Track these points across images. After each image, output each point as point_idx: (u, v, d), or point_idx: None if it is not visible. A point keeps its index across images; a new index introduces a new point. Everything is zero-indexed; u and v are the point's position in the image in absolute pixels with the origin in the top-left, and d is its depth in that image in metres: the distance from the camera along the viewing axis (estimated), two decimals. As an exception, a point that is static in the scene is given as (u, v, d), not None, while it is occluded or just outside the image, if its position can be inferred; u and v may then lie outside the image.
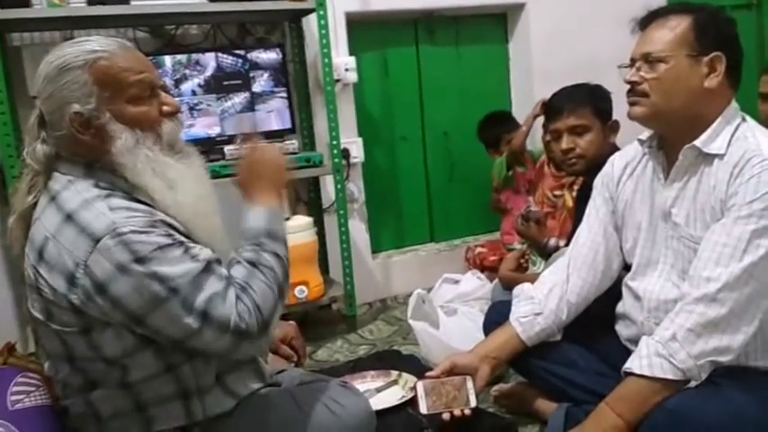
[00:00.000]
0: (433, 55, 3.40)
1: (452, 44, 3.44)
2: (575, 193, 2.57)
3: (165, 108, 1.26)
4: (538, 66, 3.44)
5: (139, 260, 1.12)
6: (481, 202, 3.39)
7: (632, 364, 1.37)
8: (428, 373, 1.62)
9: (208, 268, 1.18)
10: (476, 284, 2.61)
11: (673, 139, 1.52)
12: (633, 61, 1.51)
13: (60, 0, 2.28)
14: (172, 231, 1.18)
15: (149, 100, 1.24)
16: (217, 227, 1.29)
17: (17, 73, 2.48)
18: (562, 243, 2.53)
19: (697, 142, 1.45)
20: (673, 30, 1.46)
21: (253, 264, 1.24)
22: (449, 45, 3.43)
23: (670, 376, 1.32)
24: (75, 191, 1.18)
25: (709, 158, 1.45)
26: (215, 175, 2.06)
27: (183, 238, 1.19)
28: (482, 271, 2.97)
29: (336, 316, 2.93)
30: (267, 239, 1.27)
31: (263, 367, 1.40)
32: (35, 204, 1.23)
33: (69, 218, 1.15)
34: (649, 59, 1.46)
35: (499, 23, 3.55)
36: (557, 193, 2.80)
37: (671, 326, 1.36)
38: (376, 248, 3.31)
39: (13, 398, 1.34)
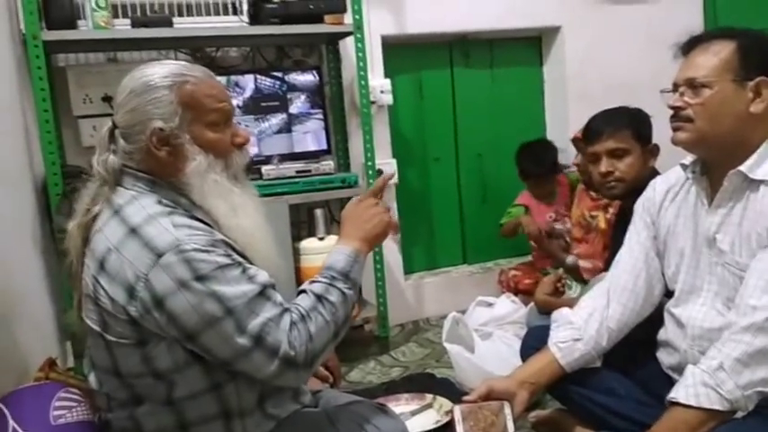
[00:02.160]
0: (468, 77, 3.41)
1: (487, 67, 3.45)
2: (609, 215, 2.55)
3: (237, 139, 1.31)
4: (572, 88, 3.43)
5: (200, 278, 1.14)
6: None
7: (678, 394, 1.34)
8: (465, 398, 1.60)
9: (263, 292, 1.19)
10: (510, 308, 2.59)
11: (717, 165, 1.49)
12: (676, 86, 1.50)
13: (106, 23, 2.35)
14: (230, 252, 1.20)
15: (225, 129, 1.29)
16: (273, 254, 1.32)
17: (61, 93, 2.55)
18: (582, 263, 2.52)
19: (743, 168, 1.43)
20: (717, 54, 1.45)
21: (319, 297, 1.25)
22: (483, 68, 3.44)
23: (717, 407, 1.29)
24: (140, 206, 1.21)
25: (754, 184, 1.43)
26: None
27: (240, 259, 1.21)
28: (516, 294, 2.94)
29: (368, 337, 2.92)
30: (341, 279, 1.28)
31: (303, 390, 1.40)
32: (95, 215, 1.26)
33: (134, 231, 1.18)
34: (694, 84, 1.45)
35: (534, 46, 3.55)
36: (593, 213, 2.77)
37: (718, 355, 1.33)
38: (408, 270, 3.30)
39: (56, 413, 1.36)
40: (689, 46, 1.51)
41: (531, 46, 3.55)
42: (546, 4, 3.33)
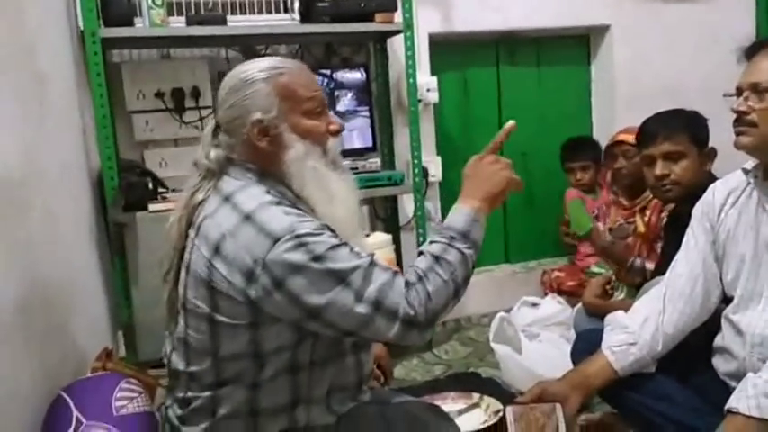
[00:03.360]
0: (514, 76, 3.39)
1: (533, 65, 3.42)
2: (647, 218, 2.52)
3: (332, 126, 1.36)
4: (620, 89, 3.38)
5: (316, 258, 1.18)
6: (557, 224, 3.34)
7: (738, 405, 1.32)
8: (518, 399, 1.60)
9: (373, 262, 1.23)
10: (556, 309, 2.57)
11: (781, 170, 1.46)
12: (740, 91, 1.47)
13: (162, 20, 2.39)
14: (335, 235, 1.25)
15: (319, 116, 1.34)
16: (361, 240, 1.39)
17: (115, 88, 2.60)
18: (649, 264, 2.48)
19: (807, 173, 1.40)
20: (782, 59, 1.41)
21: (436, 258, 1.26)
22: (530, 66, 3.42)
23: (779, 418, 1.27)
24: (251, 194, 1.26)
25: (819, 190, 1.40)
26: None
27: (345, 240, 1.25)
28: (559, 294, 2.92)
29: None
30: (460, 239, 1.28)
31: (363, 390, 1.42)
32: (200, 203, 1.31)
33: (248, 218, 1.22)
34: (758, 89, 1.43)
35: (582, 45, 3.51)
36: (629, 220, 2.72)
37: (780, 364, 1.30)
38: (450, 268, 3.29)
39: (118, 403, 1.40)
40: (753, 50, 1.48)
41: (578, 45, 3.51)
42: (595, 2, 3.29)
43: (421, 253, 1.29)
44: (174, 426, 1.34)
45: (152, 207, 2.35)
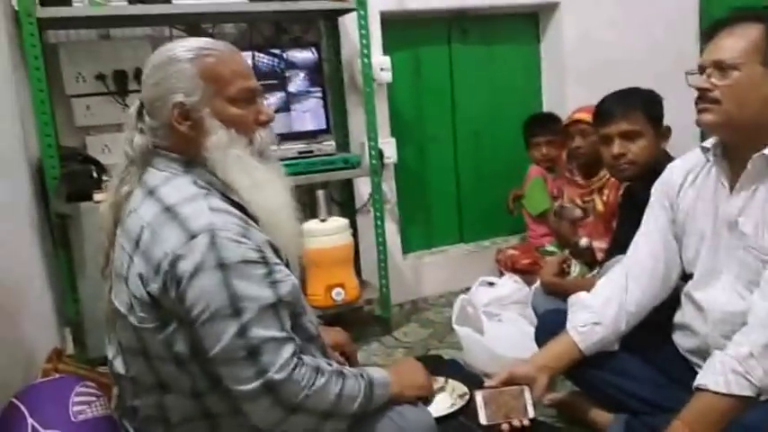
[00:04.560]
0: (466, 54, 3.36)
1: (485, 43, 3.40)
2: (605, 197, 2.55)
3: (261, 117, 1.29)
4: (570, 66, 3.40)
5: (221, 266, 1.11)
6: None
7: (707, 380, 1.34)
8: (487, 383, 1.60)
9: (277, 308, 1.15)
10: (513, 288, 2.57)
11: (740, 148, 1.48)
12: (702, 68, 1.48)
13: (102, -1, 2.26)
14: (264, 249, 1.18)
15: (248, 105, 1.27)
16: (296, 233, 1.32)
17: (53, 71, 2.45)
18: (596, 243, 2.52)
19: (766, 151, 1.42)
20: (744, 37, 1.43)
21: (341, 373, 1.22)
22: (481, 44, 3.40)
23: (747, 393, 1.30)
24: (175, 186, 1.20)
25: (778, 168, 1.42)
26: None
27: (271, 257, 1.19)
28: (514, 273, 2.94)
29: (368, 317, 2.91)
30: (367, 383, 1.25)
31: None
32: (126, 196, 1.24)
33: (169, 210, 1.16)
34: (722, 66, 1.43)
35: (531, 23, 3.51)
36: (586, 199, 2.76)
37: (745, 342, 1.33)
38: (406, 249, 3.28)
39: (76, 408, 1.33)
40: (714, 28, 1.48)
41: (528, 23, 3.50)
42: (542, -21, 3.29)
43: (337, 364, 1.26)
44: None
45: (96, 197, 2.23)
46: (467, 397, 1.73)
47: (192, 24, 2.66)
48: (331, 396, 1.18)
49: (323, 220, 2.60)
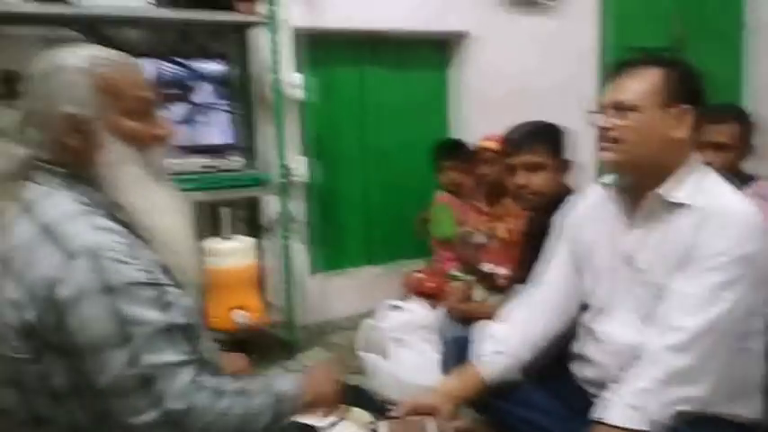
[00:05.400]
0: (378, 77, 3.39)
1: (397, 67, 3.43)
2: (510, 225, 2.61)
3: (158, 131, 1.20)
4: (476, 94, 3.49)
5: (106, 289, 1.03)
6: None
7: (605, 414, 1.37)
8: (391, 413, 1.57)
9: (171, 331, 1.08)
10: (420, 313, 2.58)
11: (638, 185, 1.54)
12: (604, 108, 1.53)
13: (-9, -6, 2.09)
14: (153, 269, 1.10)
15: (145, 119, 1.18)
16: (192, 258, 1.23)
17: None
18: (499, 270, 2.57)
19: (661, 190, 1.48)
20: (645, 80, 1.48)
21: (244, 392, 1.16)
22: (393, 68, 3.42)
23: (644, 427, 1.33)
24: (54, 204, 1.09)
25: (673, 207, 1.48)
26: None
27: (162, 278, 1.11)
28: (420, 297, 2.95)
29: (273, 340, 2.83)
30: (273, 398, 1.20)
31: None
32: None
33: (46, 229, 1.06)
34: (622, 107, 1.48)
35: (441, 50, 3.57)
36: (489, 225, 2.81)
37: (642, 375, 1.37)
38: (314, 270, 3.23)
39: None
40: (617, 70, 1.54)
41: (438, 50, 3.56)
42: (454, 10, 3.36)
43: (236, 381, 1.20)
44: None
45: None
46: (372, 426, 1.70)
47: (92, 27, 2.52)
48: (235, 419, 1.12)
49: (226, 239, 2.51)
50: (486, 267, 2.50)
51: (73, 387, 1.08)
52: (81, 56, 1.15)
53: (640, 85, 1.48)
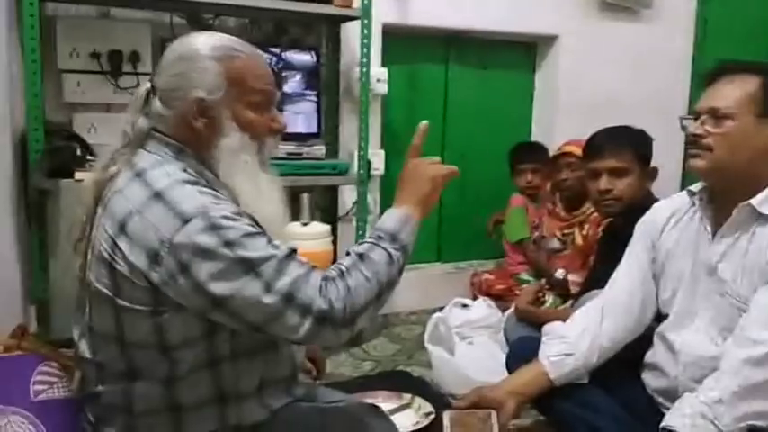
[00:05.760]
0: (461, 75, 3.39)
1: (481, 67, 3.43)
2: (585, 232, 2.58)
3: (274, 124, 1.29)
4: (562, 98, 3.45)
5: (227, 244, 1.10)
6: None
7: (674, 422, 1.34)
8: (455, 404, 1.59)
9: (290, 255, 1.15)
10: (486, 312, 2.58)
11: (727, 195, 1.50)
12: (697, 114, 1.50)
13: (105, -24, 2.23)
14: (255, 223, 1.17)
15: (265, 111, 1.26)
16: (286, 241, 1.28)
17: (47, 44, 2.41)
18: (571, 276, 2.55)
19: (753, 201, 1.44)
20: (742, 88, 1.45)
21: (360, 255, 1.20)
22: (477, 67, 3.43)
23: (713, 438, 1.30)
24: (164, 171, 1.17)
25: (762, 218, 1.45)
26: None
27: (264, 231, 1.18)
28: (488, 297, 2.94)
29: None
30: (387, 239, 1.23)
31: (297, 382, 1.36)
32: (113, 175, 1.21)
33: (158, 195, 1.13)
34: (716, 115, 1.45)
35: (528, 52, 3.55)
36: (566, 231, 2.78)
37: (716, 386, 1.34)
38: (383, 262, 3.27)
39: (37, 387, 1.29)
40: (714, 75, 1.51)
41: (525, 52, 3.55)
42: (545, 12, 3.33)
43: (348, 253, 1.24)
44: (90, 423, 1.25)
45: (78, 175, 2.19)
46: (432, 416, 1.73)
47: (194, 13, 2.65)
48: (373, 283, 1.17)
49: (305, 224, 2.58)
50: (559, 273, 2.48)
51: (183, 340, 1.15)
52: (216, 44, 1.23)
53: (736, 92, 1.45)
